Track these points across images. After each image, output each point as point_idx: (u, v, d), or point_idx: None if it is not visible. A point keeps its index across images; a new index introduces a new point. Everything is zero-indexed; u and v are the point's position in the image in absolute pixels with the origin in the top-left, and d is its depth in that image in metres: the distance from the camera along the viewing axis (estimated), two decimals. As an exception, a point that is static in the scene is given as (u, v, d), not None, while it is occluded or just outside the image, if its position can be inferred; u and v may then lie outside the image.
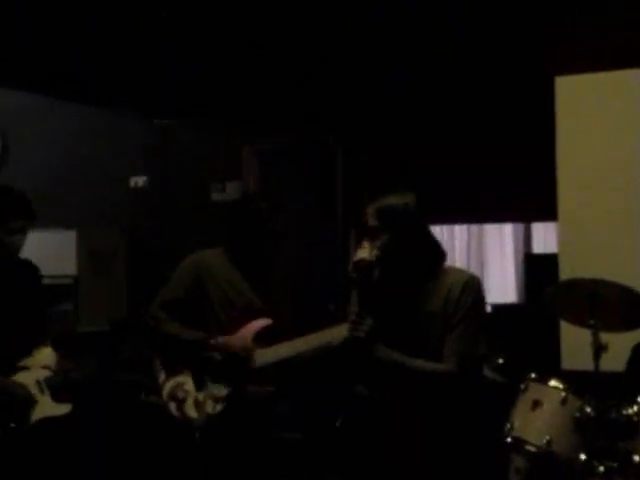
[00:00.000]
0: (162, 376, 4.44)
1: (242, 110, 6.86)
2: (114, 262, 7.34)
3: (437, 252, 3.81)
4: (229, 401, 4.32)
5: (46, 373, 4.43)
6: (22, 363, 4.39)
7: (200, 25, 5.89)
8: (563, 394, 3.86)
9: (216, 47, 6.13)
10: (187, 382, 4.39)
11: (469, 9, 5.77)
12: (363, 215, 3.77)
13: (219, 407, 4.31)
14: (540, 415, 3.87)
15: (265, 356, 4.36)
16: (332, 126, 6.78)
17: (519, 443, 3.86)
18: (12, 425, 4.22)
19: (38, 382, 4.38)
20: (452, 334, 3.65)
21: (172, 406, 4.37)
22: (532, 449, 3.81)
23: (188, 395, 4.36)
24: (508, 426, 3.91)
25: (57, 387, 4.42)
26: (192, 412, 4.33)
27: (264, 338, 4.42)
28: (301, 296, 5.21)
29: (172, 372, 4.43)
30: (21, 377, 4.36)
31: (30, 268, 4.66)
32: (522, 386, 3.99)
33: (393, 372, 3.67)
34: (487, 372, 4.45)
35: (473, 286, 3.71)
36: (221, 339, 4.39)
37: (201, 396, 4.34)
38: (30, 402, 4.31)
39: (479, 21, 5.85)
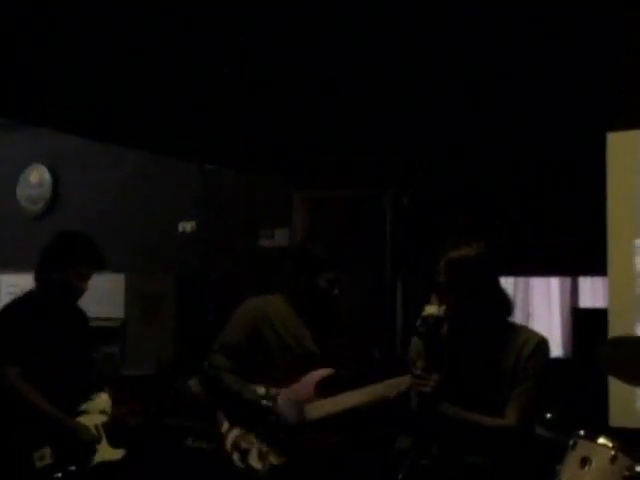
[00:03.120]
0: (225, 425, 4.41)
1: (292, 157, 6.91)
2: (162, 306, 7.39)
3: (505, 306, 3.81)
4: (291, 452, 4.29)
5: (103, 418, 4.51)
6: (82, 408, 4.46)
7: (255, 74, 5.96)
8: (612, 452, 3.79)
9: (270, 95, 6.18)
10: (250, 433, 4.36)
11: (526, 64, 5.79)
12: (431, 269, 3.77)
13: (283, 458, 4.30)
14: (589, 473, 3.80)
15: (323, 408, 4.35)
16: (382, 177, 6.80)
17: (567, 500, 3.81)
18: (73, 467, 4.26)
19: (96, 426, 4.45)
20: (516, 390, 3.68)
21: (236, 456, 4.33)
22: (580, 507, 3.76)
23: (252, 446, 4.32)
24: (557, 482, 3.87)
25: (113, 432, 4.46)
26: (256, 463, 4.29)
27: (326, 388, 4.40)
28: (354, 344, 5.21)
29: (235, 422, 4.40)
30: (82, 421, 4.43)
31: (82, 313, 4.74)
32: (571, 442, 3.93)
33: (455, 428, 3.69)
34: (537, 428, 4.41)
35: (545, 348, 3.80)
36: (284, 391, 4.36)
37: (264, 447, 4.32)
38: (93, 445, 4.36)
39: (535, 76, 5.87)
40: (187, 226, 7.66)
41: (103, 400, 4.57)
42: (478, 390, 3.72)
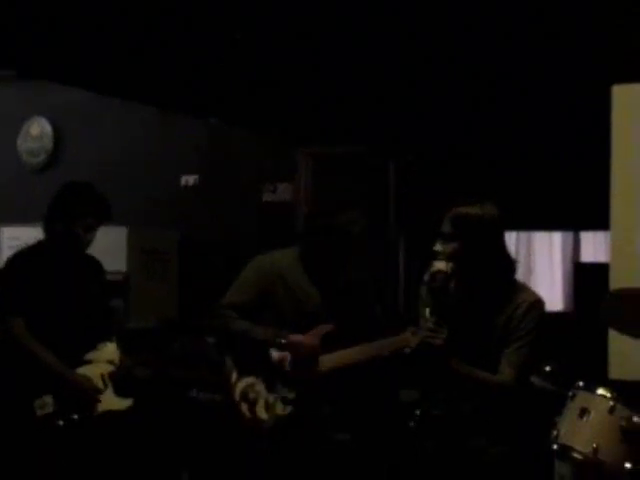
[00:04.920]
0: (234, 376, 4.42)
1: (297, 113, 6.89)
2: (165, 260, 7.41)
3: (510, 266, 3.86)
4: (297, 403, 4.33)
5: (110, 368, 4.54)
6: (87, 357, 4.48)
7: (264, 32, 5.93)
8: (611, 403, 3.83)
9: (277, 51, 6.16)
10: (258, 383, 4.37)
11: (528, 19, 5.75)
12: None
13: (288, 409, 4.33)
14: (587, 423, 3.85)
15: (331, 361, 4.37)
16: (387, 136, 6.78)
17: (565, 450, 3.84)
18: (75, 416, 4.30)
19: (102, 376, 4.48)
20: (510, 348, 3.81)
21: (244, 407, 4.35)
22: (578, 456, 3.79)
23: (259, 396, 4.34)
24: (555, 433, 3.89)
25: (120, 382, 4.49)
26: (263, 414, 4.32)
27: (328, 343, 4.41)
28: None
29: (244, 372, 4.41)
30: (86, 370, 4.47)
31: (96, 264, 4.75)
32: (570, 394, 3.98)
33: (462, 382, 3.80)
34: (535, 380, 4.44)
35: (539, 308, 3.88)
36: (293, 337, 4.35)
37: (271, 398, 4.34)
38: (95, 395, 4.39)
39: (534, 30, 5.83)
40: (190, 179, 7.66)
41: (110, 350, 4.59)
42: (474, 346, 3.82)
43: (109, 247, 6.76)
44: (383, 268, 6.92)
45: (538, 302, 3.91)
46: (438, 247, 3.80)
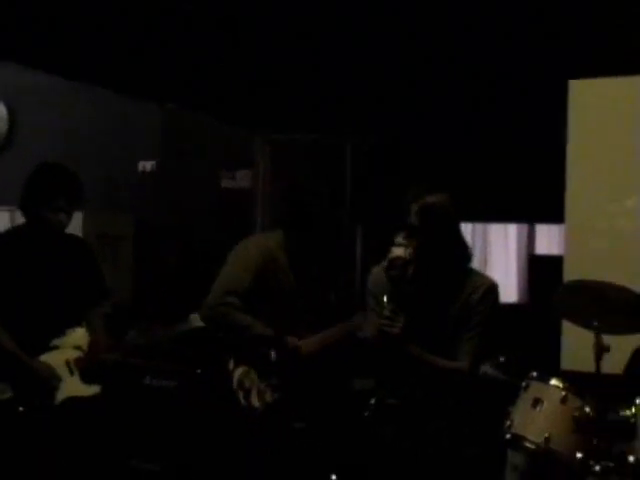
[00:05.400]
0: (231, 364, 4.46)
1: (256, 99, 6.87)
2: (121, 246, 7.35)
3: (466, 253, 3.89)
4: (282, 390, 4.40)
5: (77, 354, 4.48)
6: (54, 343, 4.43)
7: (220, 14, 5.90)
8: (563, 393, 3.88)
9: (235, 36, 6.14)
10: (252, 371, 4.43)
11: (486, 13, 5.79)
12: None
13: (276, 396, 4.38)
14: (540, 413, 3.89)
15: (312, 345, 4.44)
16: (344, 122, 6.79)
17: (518, 440, 3.88)
18: (36, 402, 4.27)
19: (67, 362, 4.43)
20: (467, 335, 3.83)
21: (240, 395, 4.40)
22: (531, 446, 3.83)
23: (253, 384, 4.40)
24: (508, 423, 3.93)
25: (87, 368, 4.46)
26: (255, 401, 4.39)
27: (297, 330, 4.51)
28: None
29: (239, 361, 4.46)
30: (50, 357, 4.40)
31: (77, 244, 4.70)
32: (523, 384, 4.01)
33: (419, 368, 3.81)
34: (488, 370, 4.49)
35: (493, 293, 3.90)
36: (293, 341, 4.45)
37: (263, 385, 4.40)
38: (54, 383, 4.35)
39: (495, 23, 5.87)
40: (147, 165, 7.60)
41: (79, 336, 4.52)
42: (432, 332, 3.84)
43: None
44: (339, 254, 6.93)
45: (493, 286, 3.93)
46: (400, 240, 3.80)
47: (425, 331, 3.83)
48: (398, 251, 3.74)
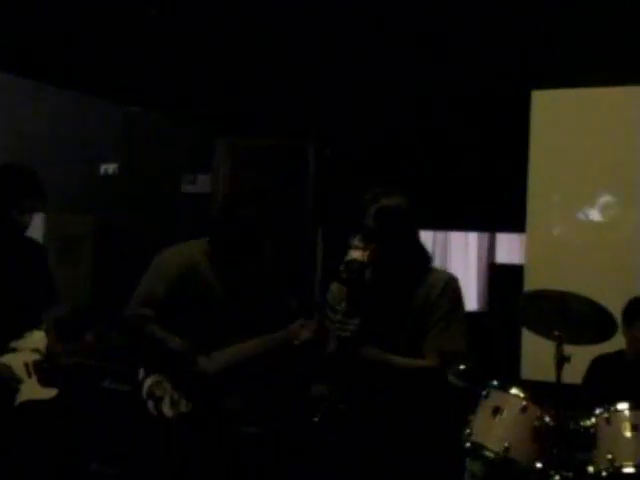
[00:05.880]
0: (141, 373, 4.41)
1: (217, 104, 6.86)
2: (81, 248, 7.31)
3: (425, 255, 3.86)
4: (197, 400, 4.35)
5: (36, 356, 4.44)
6: (12, 345, 4.38)
7: (183, 17, 5.89)
8: (524, 402, 3.91)
9: (197, 39, 6.12)
10: (164, 381, 4.37)
11: (451, 23, 5.81)
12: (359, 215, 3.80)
13: (190, 406, 4.34)
14: (500, 422, 3.92)
15: (216, 360, 4.38)
16: (305, 125, 6.80)
17: (477, 448, 3.90)
18: None
19: (26, 365, 4.39)
20: (432, 332, 3.72)
21: (150, 404, 4.34)
22: (490, 455, 3.85)
23: (165, 393, 4.35)
24: (467, 431, 3.95)
25: (45, 371, 4.42)
26: (167, 410, 4.32)
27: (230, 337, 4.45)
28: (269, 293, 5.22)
29: (151, 370, 4.40)
30: (9, 359, 4.35)
31: (36, 247, 4.66)
32: (483, 393, 4.03)
33: (377, 370, 3.71)
34: (449, 377, 4.50)
35: (454, 285, 3.79)
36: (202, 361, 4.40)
37: (176, 395, 4.35)
38: (14, 384, 4.32)
39: (461, 34, 5.90)
40: (109, 168, 7.57)
41: (37, 338, 4.48)
42: (395, 333, 3.75)
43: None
44: (300, 258, 6.93)
45: (452, 279, 3.81)
46: (357, 242, 3.76)
47: (386, 333, 3.75)
48: (355, 254, 3.68)
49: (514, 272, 5.94)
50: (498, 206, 6.18)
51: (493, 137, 6.12)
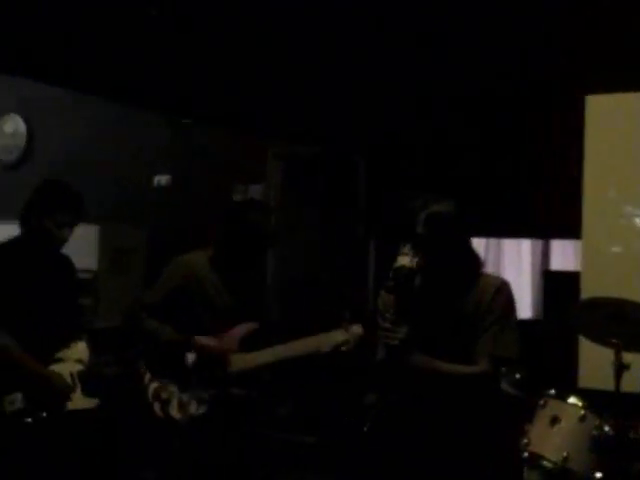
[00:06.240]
0: (147, 376, 4.47)
1: (270, 114, 6.88)
2: (134, 259, 7.36)
3: (477, 261, 3.83)
4: (212, 403, 4.36)
5: (79, 367, 4.49)
6: (58, 355, 4.44)
7: (234, 30, 5.91)
8: (582, 412, 3.87)
9: (249, 53, 6.14)
10: (170, 384, 4.42)
11: (502, 27, 5.79)
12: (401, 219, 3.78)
13: (202, 409, 4.35)
14: (558, 431, 3.88)
15: (244, 361, 4.40)
16: (358, 137, 6.79)
17: (535, 458, 3.87)
18: (44, 414, 4.27)
19: (71, 374, 4.44)
20: (484, 337, 3.70)
21: (156, 406, 4.40)
22: (548, 465, 3.82)
23: (172, 396, 4.38)
24: (525, 441, 3.91)
25: (88, 381, 4.47)
26: (175, 413, 4.36)
27: (250, 342, 4.46)
28: (316, 303, 5.22)
29: (157, 373, 4.46)
30: (56, 368, 4.41)
31: (67, 262, 4.73)
32: (541, 402, 4.00)
33: (426, 378, 3.68)
34: (505, 386, 4.46)
35: (506, 290, 3.78)
36: (204, 339, 4.42)
37: (185, 397, 4.38)
38: (66, 391, 4.37)
39: (513, 39, 5.88)
40: (162, 179, 7.62)
41: (80, 349, 4.55)
42: (445, 339, 3.72)
43: (79, 245, 6.72)
44: (351, 268, 6.92)
45: (504, 284, 3.81)
46: (405, 249, 3.70)
47: (436, 339, 3.73)
48: (403, 260, 3.67)
49: (570, 279, 5.87)
50: (553, 212, 6.12)
51: (549, 143, 6.07)
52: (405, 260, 3.65)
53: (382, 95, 6.46)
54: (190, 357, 4.40)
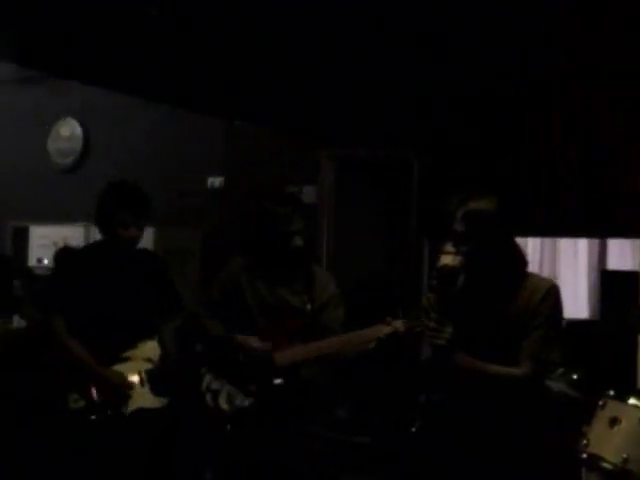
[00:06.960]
0: (203, 369, 4.55)
1: (322, 116, 6.89)
2: (188, 261, 7.41)
3: (521, 260, 3.77)
4: (257, 396, 4.39)
5: (148, 365, 4.53)
6: (125, 354, 4.49)
7: (284, 32, 5.93)
8: (643, 413, 3.82)
9: (304, 56, 6.16)
10: (222, 376, 4.49)
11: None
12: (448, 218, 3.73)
13: (247, 401, 4.38)
14: (618, 433, 3.83)
15: (284, 357, 4.42)
16: (411, 139, 6.77)
17: (595, 460, 3.84)
18: (108, 412, 4.33)
19: (139, 373, 4.48)
20: (530, 338, 3.61)
21: (208, 397, 4.47)
22: (608, 466, 3.78)
23: (223, 387, 4.44)
24: (584, 442, 3.88)
25: (157, 380, 4.51)
26: (224, 404, 4.41)
27: (299, 337, 4.49)
28: (369, 304, 5.20)
29: (211, 366, 4.55)
30: (122, 368, 4.46)
31: (149, 259, 4.78)
32: (600, 403, 3.95)
33: (472, 379, 3.62)
34: (562, 387, 4.42)
35: (555, 293, 3.68)
36: (244, 339, 4.47)
37: (233, 389, 4.42)
38: (125, 390, 4.40)
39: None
40: (216, 182, 7.67)
41: (150, 348, 4.57)
42: (491, 340, 3.64)
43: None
44: (405, 269, 6.90)
45: (555, 287, 3.70)
46: (448, 248, 3.63)
47: (479, 340, 3.64)
48: (446, 259, 3.61)
49: (627, 279, 5.81)
50: (609, 212, 6.06)
51: (589, 143, 6.02)
52: (448, 259, 3.59)
53: (434, 97, 6.45)
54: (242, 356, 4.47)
